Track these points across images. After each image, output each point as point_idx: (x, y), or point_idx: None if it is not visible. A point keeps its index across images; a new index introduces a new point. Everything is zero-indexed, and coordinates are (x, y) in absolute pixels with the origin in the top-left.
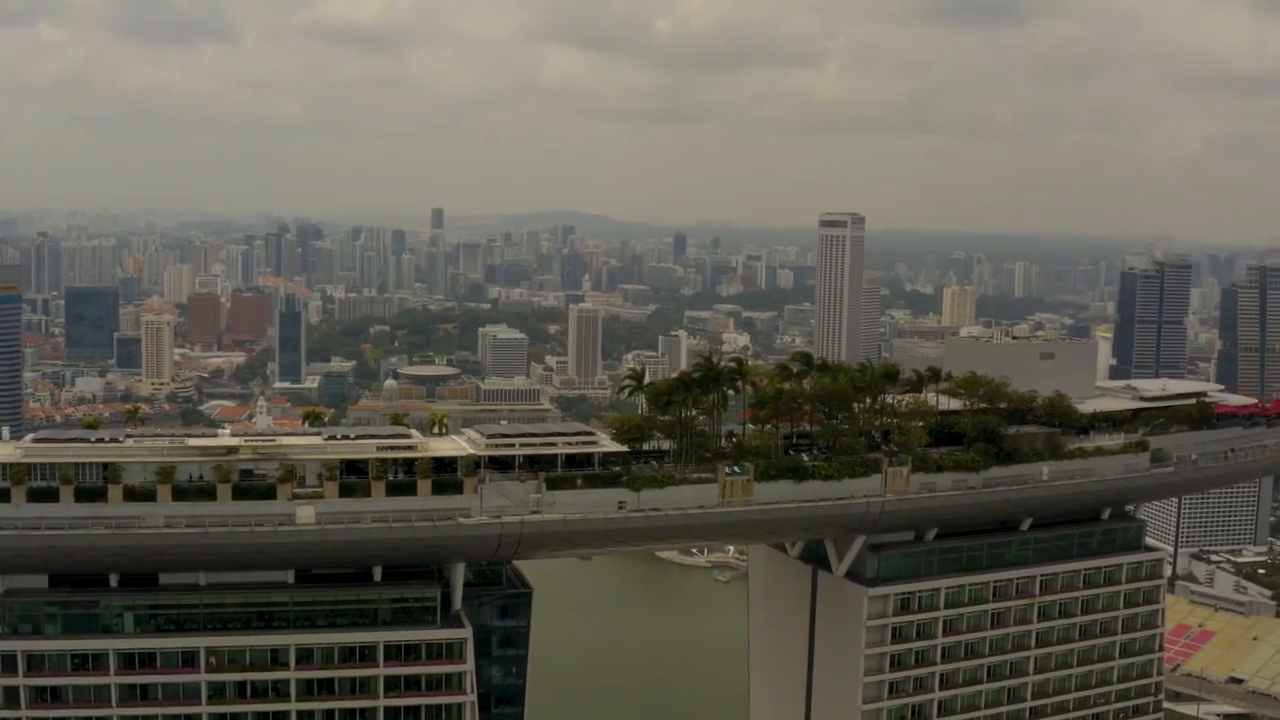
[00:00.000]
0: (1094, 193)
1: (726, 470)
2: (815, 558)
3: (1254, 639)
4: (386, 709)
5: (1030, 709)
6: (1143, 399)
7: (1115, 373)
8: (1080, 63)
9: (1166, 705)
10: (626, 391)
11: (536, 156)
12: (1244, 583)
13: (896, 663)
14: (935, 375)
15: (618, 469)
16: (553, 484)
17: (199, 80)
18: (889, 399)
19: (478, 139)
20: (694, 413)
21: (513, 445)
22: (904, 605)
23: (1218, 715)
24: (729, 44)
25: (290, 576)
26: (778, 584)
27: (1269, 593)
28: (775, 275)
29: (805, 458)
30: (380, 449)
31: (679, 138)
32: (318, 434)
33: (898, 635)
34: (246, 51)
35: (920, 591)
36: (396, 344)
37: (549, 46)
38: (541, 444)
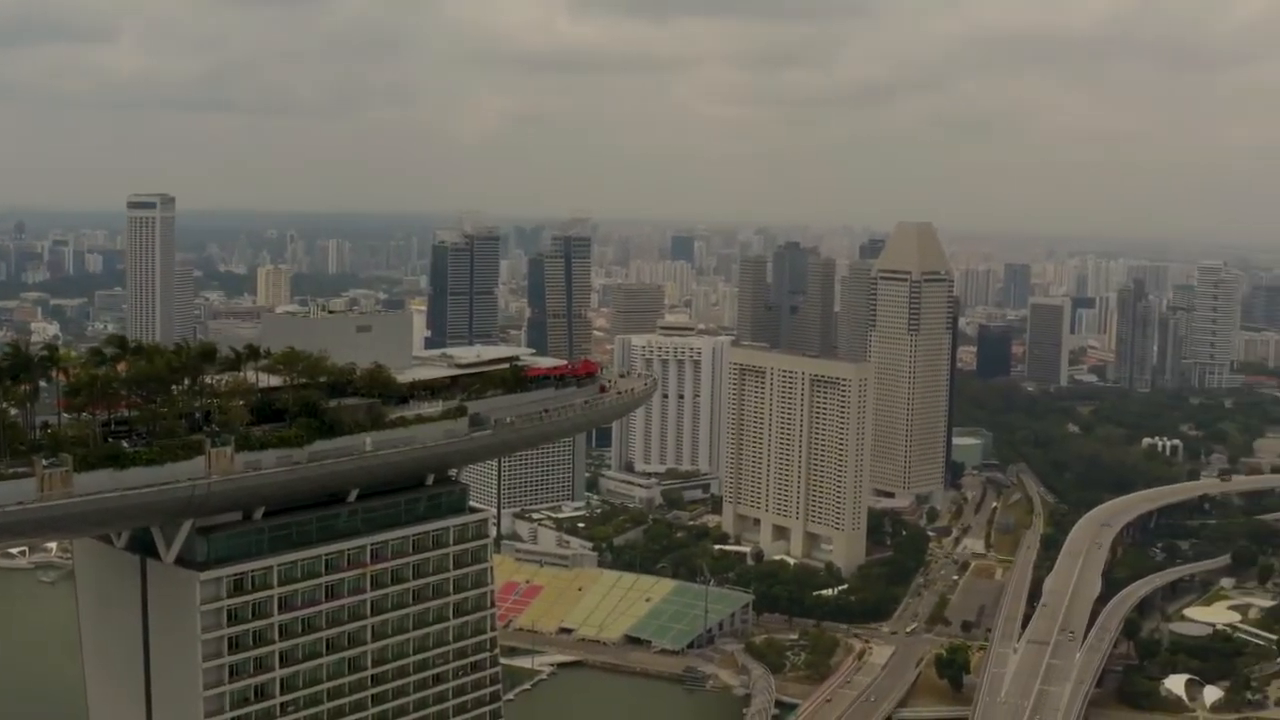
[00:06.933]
0: (402, 169)
1: (44, 463)
2: (143, 546)
3: (579, 590)
4: None
5: (372, 676)
6: (459, 366)
7: (431, 343)
8: (377, 39)
9: (503, 660)
10: None
11: None
12: (566, 537)
13: (235, 645)
14: (254, 353)
15: None
16: None
17: None
18: (208, 379)
19: None
20: (4, 405)
21: None
22: (237, 586)
23: (551, 665)
24: (15, 17)
25: None
26: (106, 577)
27: (589, 544)
28: (84, 260)
29: (125, 444)
30: None
31: None
32: None
33: (234, 617)
34: None
35: (253, 571)
36: None
37: None
38: None
